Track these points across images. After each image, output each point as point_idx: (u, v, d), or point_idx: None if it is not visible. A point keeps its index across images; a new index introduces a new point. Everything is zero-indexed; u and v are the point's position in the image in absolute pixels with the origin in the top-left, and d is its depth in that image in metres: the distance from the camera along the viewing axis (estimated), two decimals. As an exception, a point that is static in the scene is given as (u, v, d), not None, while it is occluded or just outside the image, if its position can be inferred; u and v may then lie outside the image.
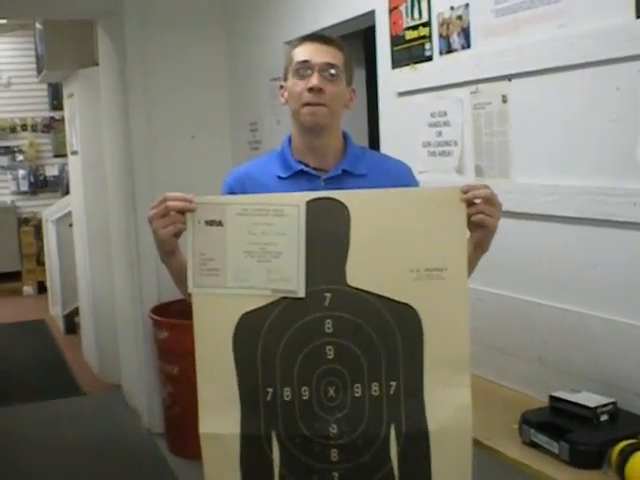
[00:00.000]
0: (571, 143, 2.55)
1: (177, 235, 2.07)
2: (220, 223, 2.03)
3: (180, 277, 2.13)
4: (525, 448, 2.31)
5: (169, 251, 2.12)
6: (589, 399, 2.31)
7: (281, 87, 2.35)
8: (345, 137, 2.38)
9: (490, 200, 2.03)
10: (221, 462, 2.07)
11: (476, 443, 2.18)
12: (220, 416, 2.04)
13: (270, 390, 2.02)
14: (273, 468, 2.04)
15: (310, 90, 2.22)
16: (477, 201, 2.02)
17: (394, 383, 2.01)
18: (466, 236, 2.05)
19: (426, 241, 2.00)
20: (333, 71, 2.24)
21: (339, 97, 2.28)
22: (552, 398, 2.40)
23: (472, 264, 2.10)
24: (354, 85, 2.38)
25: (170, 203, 2.03)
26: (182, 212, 2.04)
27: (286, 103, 2.32)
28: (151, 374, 5.52)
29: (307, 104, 2.23)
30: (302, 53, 2.27)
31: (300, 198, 2.02)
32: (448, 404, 2.01)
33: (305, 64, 2.24)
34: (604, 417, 2.27)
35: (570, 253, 2.58)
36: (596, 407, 2.26)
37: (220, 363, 2.03)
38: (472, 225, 2.04)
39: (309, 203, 2.01)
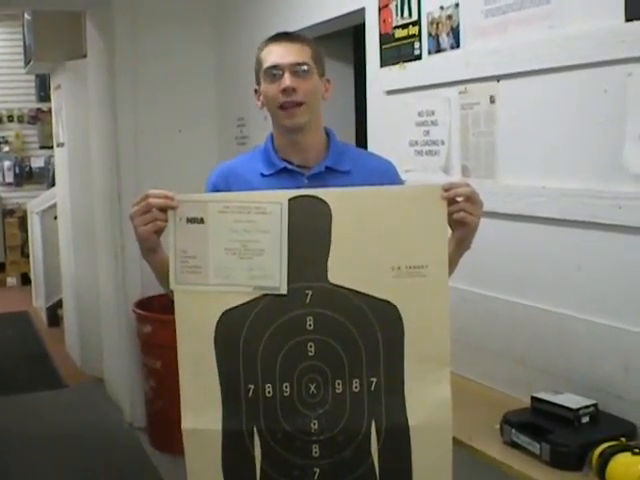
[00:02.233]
0: (558, 145, 2.55)
1: (158, 232, 2.07)
2: (201, 220, 2.03)
3: (162, 274, 2.13)
4: (506, 448, 2.32)
5: (150, 248, 2.12)
6: (570, 400, 2.32)
7: (255, 91, 2.35)
8: (328, 133, 2.38)
9: (471, 198, 2.04)
10: (203, 457, 2.08)
11: (457, 442, 2.18)
12: (202, 412, 2.05)
13: (252, 386, 2.03)
14: (255, 463, 2.05)
15: (284, 91, 2.22)
16: (459, 199, 2.03)
17: (375, 379, 2.02)
18: (447, 234, 2.05)
19: (407, 239, 2.01)
20: (304, 68, 2.24)
21: (314, 92, 2.27)
22: (534, 399, 2.40)
23: (454, 262, 2.12)
24: (344, 83, 2.38)
25: (151, 200, 2.03)
26: (163, 209, 2.04)
27: (263, 107, 2.32)
28: (134, 368, 5.51)
29: (283, 106, 2.23)
30: (270, 57, 2.26)
31: (282, 196, 2.02)
32: (428, 400, 2.02)
33: (274, 68, 2.23)
34: (585, 419, 2.27)
35: (555, 255, 2.59)
36: (577, 409, 2.27)
37: (202, 359, 2.03)
38: (453, 223, 2.05)
39: (291, 201, 2.01)
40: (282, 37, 2.30)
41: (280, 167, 2.30)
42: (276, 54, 2.25)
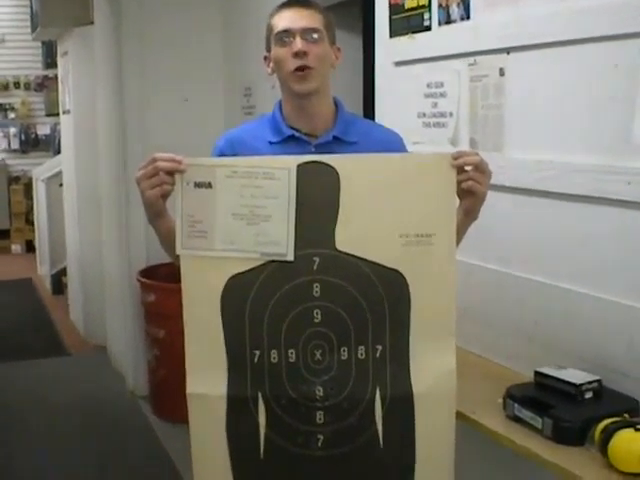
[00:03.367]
0: (567, 119, 2.53)
1: (165, 196, 2.06)
2: (209, 185, 2.02)
3: (167, 239, 2.13)
4: (509, 422, 2.32)
5: (156, 212, 2.11)
6: (574, 376, 2.31)
7: (265, 58, 2.34)
8: (336, 103, 2.37)
9: (480, 167, 2.04)
10: (207, 423, 2.09)
11: (460, 416, 2.18)
12: (207, 377, 2.05)
13: (257, 352, 2.03)
14: (259, 429, 2.06)
15: (295, 55, 2.21)
16: (467, 168, 2.03)
17: (380, 347, 2.02)
18: (455, 203, 2.05)
19: (415, 207, 2.01)
20: (315, 35, 2.23)
21: (325, 57, 2.26)
22: (537, 374, 2.39)
23: (461, 231, 2.12)
24: (353, 54, 2.36)
25: (159, 164, 2.02)
26: (171, 173, 2.02)
27: (273, 73, 2.32)
28: (137, 337, 5.53)
29: (294, 71, 2.22)
30: (281, 21, 2.25)
31: (291, 161, 2.02)
32: (433, 368, 2.03)
33: (286, 33, 2.23)
34: (588, 394, 2.27)
35: (563, 230, 2.57)
36: (581, 384, 2.26)
37: (208, 325, 2.04)
38: (462, 192, 2.05)
39: (299, 167, 2.01)
40: (294, 3, 2.30)
41: (288, 134, 2.29)
42: (287, 19, 2.24)
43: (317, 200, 2.01)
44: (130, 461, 4.69)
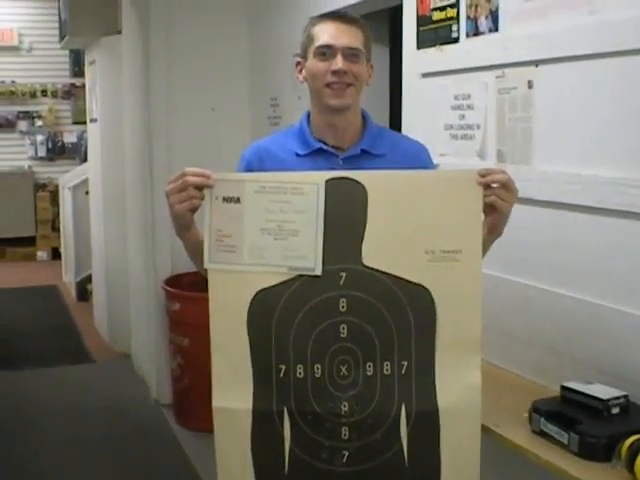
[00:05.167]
0: (595, 132, 2.52)
1: (193, 211, 2.07)
2: (238, 200, 2.03)
3: (195, 252, 2.14)
4: (534, 437, 2.30)
5: (185, 225, 2.12)
6: (601, 391, 2.29)
7: (298, 63, 2.34)
8: (364, 116, 2.37)
9: (506, 185, 2.04)
10: (232, 436, 2.09)
11: (485, 430, 2.17)
12: (233, 391, 2.06)
13: (283, 367, 2.03)
14: (284, 444, 2.06)
15: (334, 73, 2.21)
16: (494, 185, 2.03)
17: (406, 363, 2.02)
18: (481, 219, 2.05)
19: (442, 223, 2.01)
20: (355, 52, 2.23)
21: (362, 76, 2.27)
22: (564, 388, 2.38)
23: (485, 247, 2.12)
24: (379, 65, 2.36)
25: (188, 178, 2.03)
26: (200, 188, 2.03)
27: (304, 81, 2.32)
28: (161, 345, 5.53)
29: (330, 85, 2.22)
30: (324, 35, 2.24)
31: (319, 177, 2.03)
32: (458, 385, 2.03)
33: (328, 48, 2.22)
34: (615, 410, 2.25)
35: (589, 243, 2.56)
36: (608, 399, 2.25)
37: (234, 339, 2.04)
38: (486, 208, 2.05)
39: (328, 182, 2.01)
40: (338, 17, 2.30)
41: (315, 147, 2.30)
42: (330, 34, 2.24)
43: (345, 215, 2.02)
44: (153, 469, 4.70)
